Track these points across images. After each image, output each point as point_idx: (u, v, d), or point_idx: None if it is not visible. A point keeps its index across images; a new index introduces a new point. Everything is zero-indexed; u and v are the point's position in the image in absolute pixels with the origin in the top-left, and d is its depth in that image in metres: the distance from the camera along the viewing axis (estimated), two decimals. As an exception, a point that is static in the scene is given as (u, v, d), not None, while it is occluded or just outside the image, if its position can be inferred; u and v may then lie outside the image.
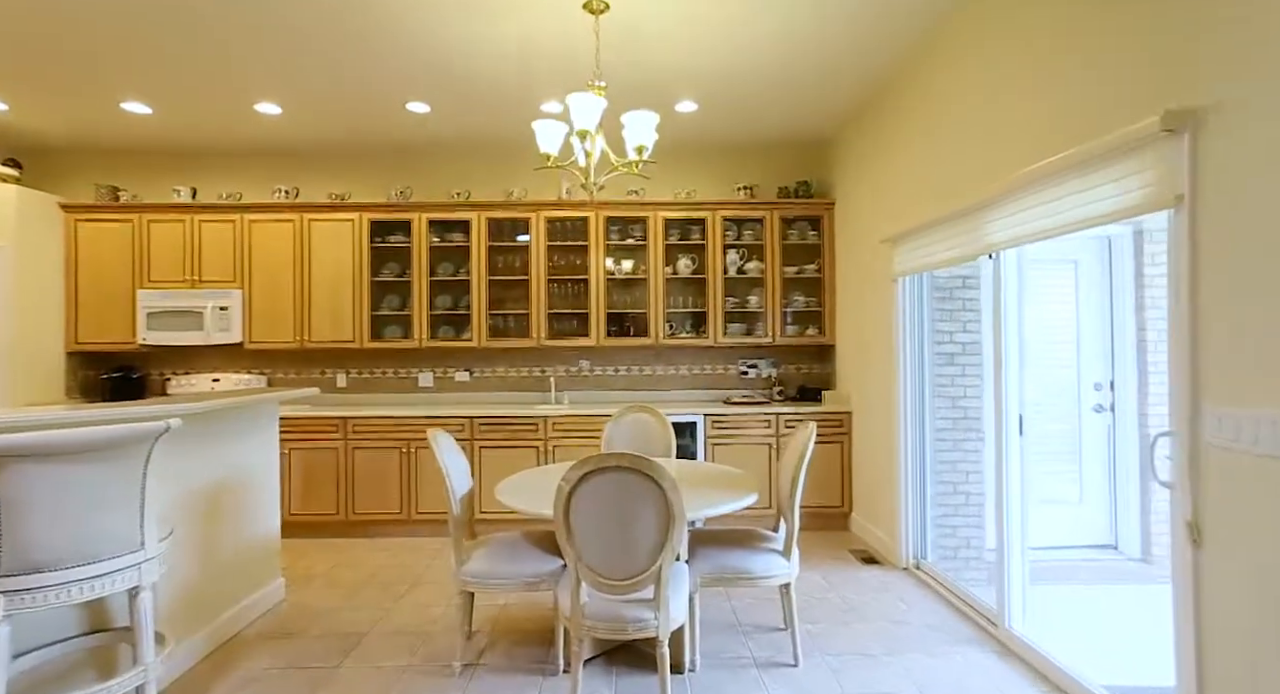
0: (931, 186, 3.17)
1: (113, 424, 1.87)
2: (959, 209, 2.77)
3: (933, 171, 3.15)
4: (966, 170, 2.82)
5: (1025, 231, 2.37)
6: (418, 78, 3.55)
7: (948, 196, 2.99)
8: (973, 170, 2.77)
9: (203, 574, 2.64)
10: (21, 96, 3.76)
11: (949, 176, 2.99)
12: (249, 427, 2.99)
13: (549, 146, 2.57)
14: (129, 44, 3.13)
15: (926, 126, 3.22)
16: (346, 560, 3.80)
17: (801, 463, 2.45)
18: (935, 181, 3.13)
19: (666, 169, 4.90)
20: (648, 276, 4.59)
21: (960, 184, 2.87)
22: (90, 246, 4.47)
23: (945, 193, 3.02)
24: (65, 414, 2.13)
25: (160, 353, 4.75)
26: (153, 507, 2.01)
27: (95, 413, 2.20)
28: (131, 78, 3.50)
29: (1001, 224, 2.52)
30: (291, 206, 4.49)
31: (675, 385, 4.86)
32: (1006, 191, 2.43)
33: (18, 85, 3.62)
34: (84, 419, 2.18)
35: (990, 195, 2.53)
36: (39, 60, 3.28)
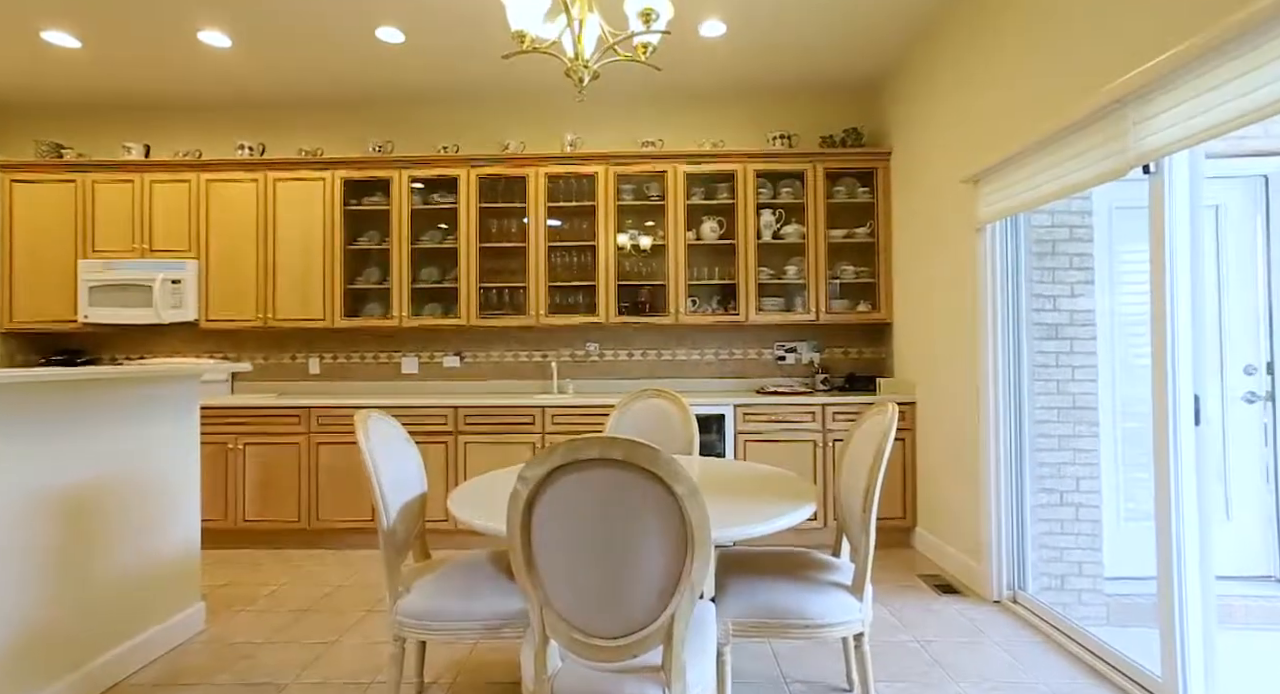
0: (1034, 97, 2.39)
1: None
2: (1092, 110, 1.99)
3: (1037, 76, 2.38)
4: (1097, 57, 2.04)
5: (1215, 120, 1.59)
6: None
7: (1063, 102, 2.21)
8: (1107, 56, 1.99)
9: (63, 605, 1.99)
10: (-66, 29, 3.22)
11: (1067, 75, 2.21)
12: (149, 412, 2.35)
13: (524, 20, 1.87)
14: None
15: (1026, 19, 2.44)
16: (301, 576, 3.15)
17: (879, 461, 1.70)
18: (1041, 88, 2.35)
19: (688, 113, 4.18)
20: (666, 243, 3.87)
21: (1086, 78, 2.09)
22: (27, 211, 3.92)
23: (1058, 99, 2.24)
24: None
25: (110, 334, 4.18)
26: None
27: None
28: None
29: (1170, 117, 1.74)
30: (254, 164, 3.88)
31: (700, 372, 4.13)
32: (1181, 63, 1.66)
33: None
34: None
35: (1152, 77, 1.75)
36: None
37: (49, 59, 3.55)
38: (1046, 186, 2.28)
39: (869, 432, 1.86)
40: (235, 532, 3.59)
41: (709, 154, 3.83)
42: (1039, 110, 2.37)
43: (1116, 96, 1.88)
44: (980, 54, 2.80)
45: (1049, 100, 2.31)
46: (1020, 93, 2.50)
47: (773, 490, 1.84)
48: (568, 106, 4.19)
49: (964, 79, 2.96)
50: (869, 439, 1.81)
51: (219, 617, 2.67)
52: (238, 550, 3.56)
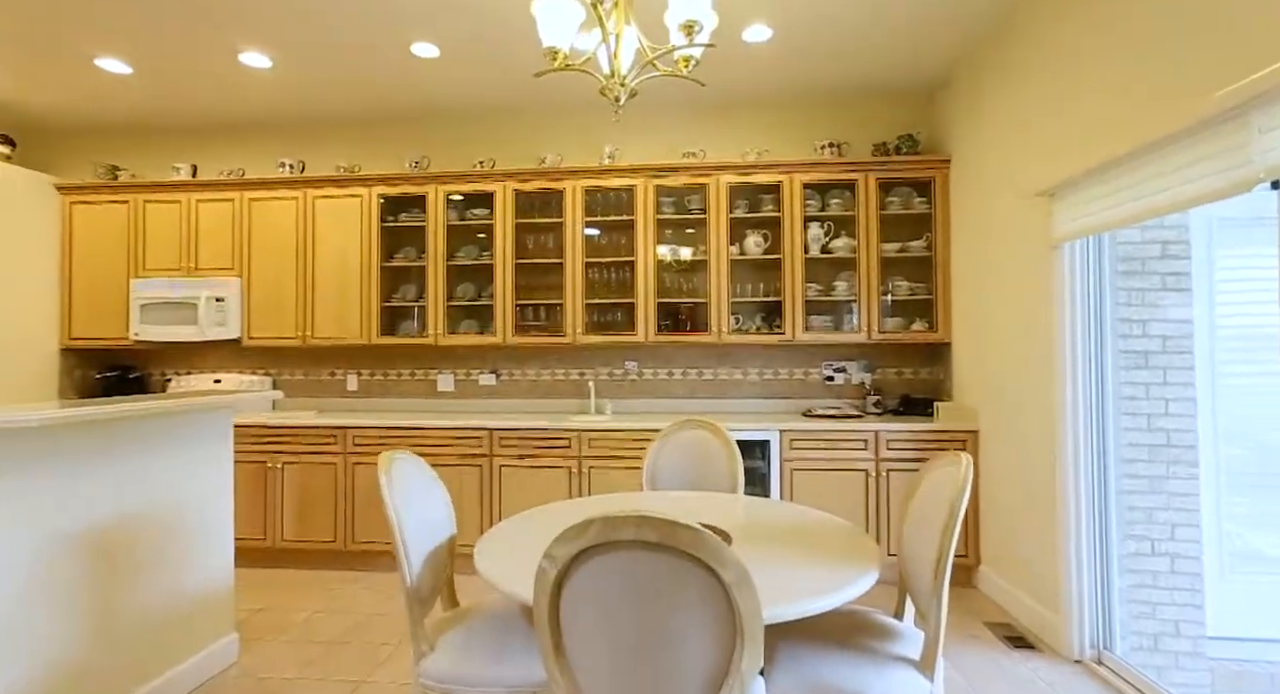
0: (1126, 101, 2.13)
1: None
2: (1205, 116, 1.73)
3: (1131, 78, 2.12)
4: (1212, 56, 1.79)
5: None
6: (419, 6, 2.83)
7: (1165, 108, 1.95)
8: (1225, 54, 1.74)
9: (95, 645, 1.96)
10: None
11: (1170, 76, 1.95)
12: (183, 443, 2.32)
13: (556, 37, 1.74)
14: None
15: (1121, 14, 2.19)
16: (335, 603, 3.11)
17: (953, 522, 1.50)
18: (1135, 92, 2.09)
19: (731, 122, 4.01)
20: (708, 258, 3.70)
21: (1195, 80, 1.84)
22: (86, 231, 4.04)
23: (1158, 104, 1.99)
24: None
25: (160, 350, 4.27)
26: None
27: None
28: (98, 25, 2.97)
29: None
30: (294, 182, 3.90)
31: (742, 392, 3.94)
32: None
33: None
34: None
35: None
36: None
37: (103, 84, 3.63)
38: (1139, 203, 2.03)
39: (939, 483, 1.65)
40: (274, 551, 3.59)
41: (753, 165, 3.65)
42: (1131, 117, 2.12)
43: (1238, 101, 1.63)
44: (1061, 53, 2.55)
45: (1146, 105, 2.06)
46: (1108, 96, 2.25)
47: (828, 549, 1.65)
48: (606, 118, 4.07)
49: (1039, 81, 2.70)
50: (939, 494, 1.61)
51: (251, 647, 2.64)
52: (276, 570, 3.56)
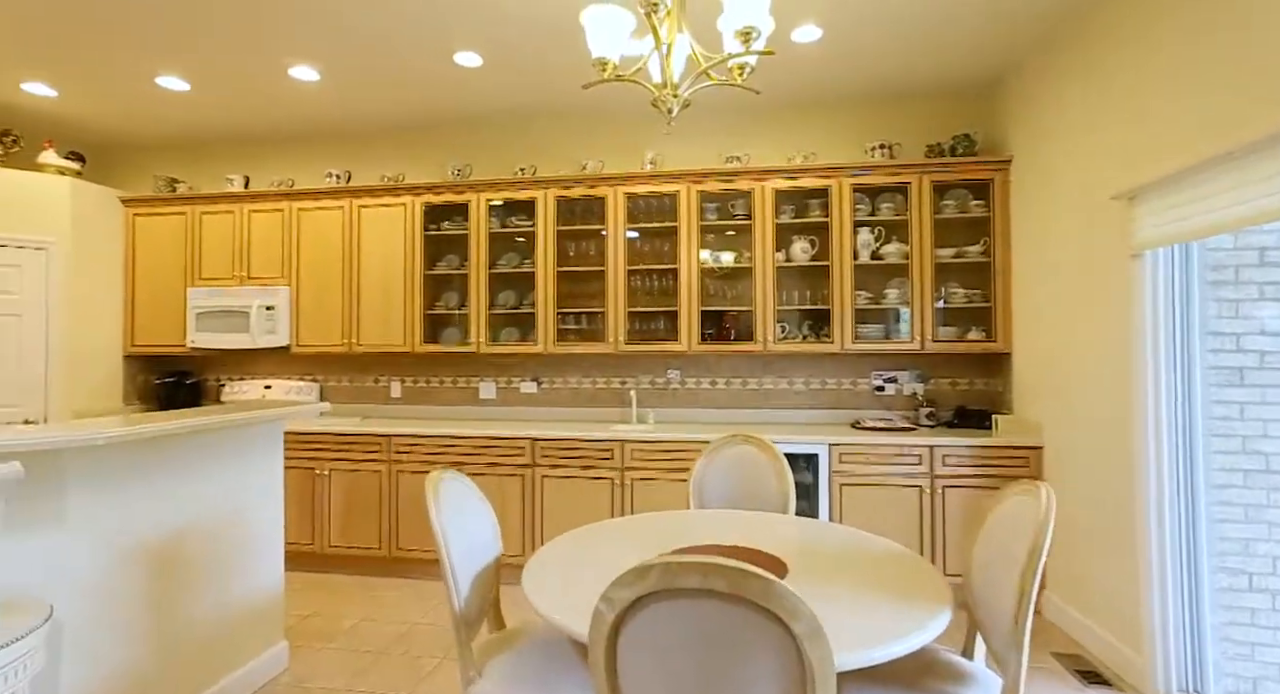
0: (1225, 95, 1.96)
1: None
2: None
3: (1232, 69, 1.95)
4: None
5: None
6: (463, 17, 2.82)
7: (1274, 102, 1.78)
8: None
9: (156, 652, 1.99)
10: (65, 80, 3.46)
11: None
12: (236, 456, 2.35)
13: (605, 47, 1.69)
14: (146, 6, 2.65)
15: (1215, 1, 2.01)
16: (379, 611, 3.13)
17: (1034, 563, 1.38)
18: (1236, 84, 1.92)
19: (777, 125, 3.89)
20: (753, 265, 3.60)
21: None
22: (147, 242, 4.18)
23: (1266, 99, 1.81)
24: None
25: (214, 357, 4.40)
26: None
27: None
28: (159, 46, 3.06)
29: None
30: (340, 192, 3.95)
31: (788, 402, 3.83)
32: None
33: (58, 67, 3.30)
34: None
35: None
36: (69, 36, 2.89)
37: (163, 101, 3.75)
38: (1243, 207, 1.86)
39: (1013, 516, 1.53)
40: (321, 556, 3.64)
41: (800, 168, 3.54)
42: (1237, 113, 1.94)
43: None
44: (1148, 45, 2.37)
45: (1257, 102, 1.89)
46: (1202, 90, 2.07)
47: (894, 583, 1.55)
48: (648, 123, 4.01)
49: (1120, 75, 2.52)
50: (1015, 528, 1.49)
51: (300, 655, 2.66)
52: (324, 575, 3.61)
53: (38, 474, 1.71)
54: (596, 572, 1.63)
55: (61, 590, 1.74)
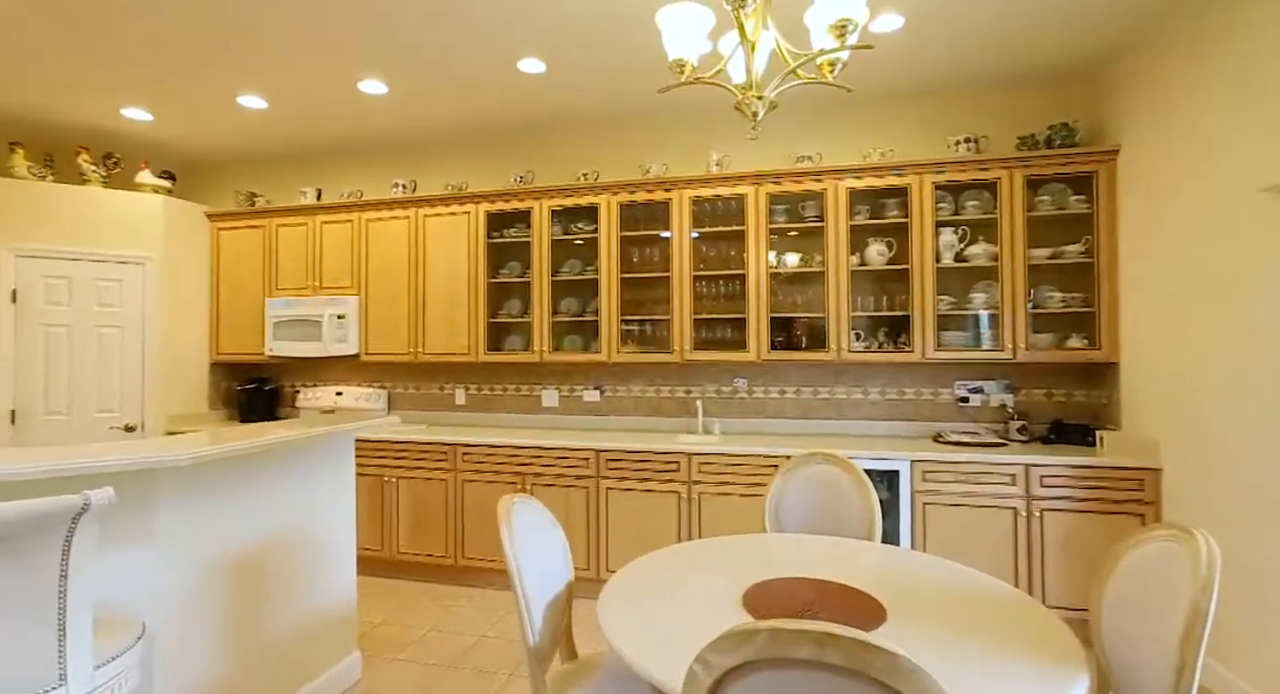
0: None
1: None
2: None
3: None
4: None
5: None
6: (528, 24, 2.78)
7: None
8: None
9: (238, 665, 2.03)
10: (160, 104, 3.63)
11: None
12: (312, 468, 2.38)
13: (683, 48, 1.58)
14: (229, 31, 2.73)
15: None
16: (447, 621, 3.14)
17: (1199, 627, 1.19)
18: None
19: (851, 121, 3.69)
20: (825, 270, 3.43)
21: None
22: (230, 254, 4.37)
23: None
24: None
25: (290, 364, 4.56)
26: (80, 619, 1.34)
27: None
28: (242, 67, 3.16)
29: None
30: (406, 202, 4.01)
31: (862, 413, 3.62)
32: None
33: (153, 93, 3.47)
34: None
35: None
36: (163, 63, 3.03)
37: (243, 119, 3.90)
38: None
39: (1158, 567, 1.34)
40: (391, 562, 3.70)
41: (876, 166, 3.33)
42: None
43: None
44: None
45: None
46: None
47: (1011, 634, 1.38)
48: (713, 123, 3.88)
49: (1271, 47, 2.22)
50: (1163, 583, 1.30)
51: (372, 665, 2.69)
52: (393, 581, 3.67)
53: (129, 493, 1.76)
54: (678, 607, 1.53)
55: (151, 605, 1.78)
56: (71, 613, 1.33)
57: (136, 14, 2.69)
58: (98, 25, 2.78)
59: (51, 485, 1.65)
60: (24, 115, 3.82)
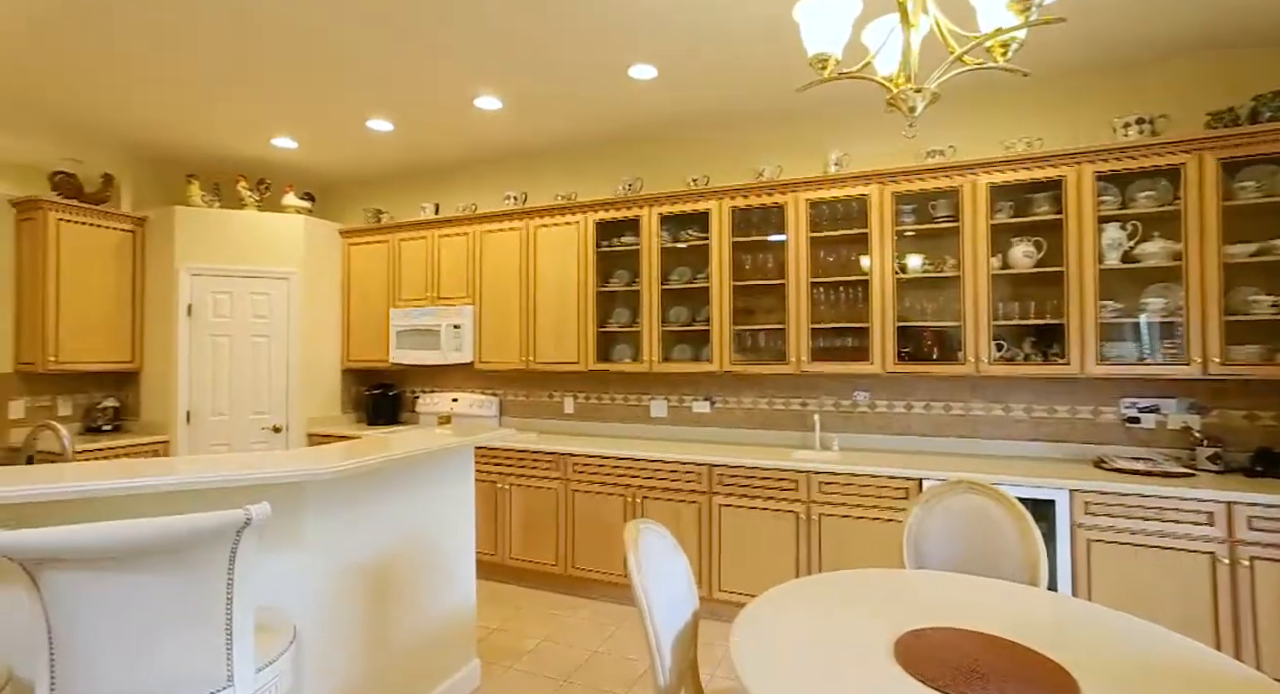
0: None
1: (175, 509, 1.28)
2: None
3: None
4: None
5: None
6: (641, 31, 2.72)
7: None
8: None
9: (373, 668, 2.10)
10: (302, 133, 3.96)
11: None
12: (436, 479, 2.44)
13: (823, 42, 1.43)
14: (361, 61, 2.90)
15: None
16: (561, 631, 3.14)
17: None
18: None
19: (990, 108, 3.34)
20: (960, 274, 3.11)
21: None
22: (359, 268, 4.68)
23: None
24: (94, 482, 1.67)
25: (411, 371, 4.81)
26: (244, 624, 1.40)
27: (147, 480, 1.69)
28: (372, 93, 3.36)
29: None
30: (517, 214, 4.10)
31: (1003, 432, 3.25)
32: None
33: (297, 123, 3.78)
34: (121, 489, 1.70)
35: None
36: (306, 96, 3.29)
37: (371, 141, 4.16)
38: None
39: None
40: (504, 568, 3.78)
41: (1022, 158, 2.97)
42: None
43: None
44: None
45: None
46: None
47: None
48: (830, 120, 3.66)
49: None
50: None
51: (490, 673, 2.73)
52: (506, 586, 3.74)
53: (281, 502, 1.86)
54: (820, 651, 1.38)
55: (299, 609, 1.88)
56: (237, 618, 1.39)
57: (285, 56, 2.91)
58: (252, 69, 3.04)
59: (220, 494, 1.77)
60: (197, 150, 4.29)
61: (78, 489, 1.54)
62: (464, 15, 2.63)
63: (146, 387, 4.29)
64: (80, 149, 4.21)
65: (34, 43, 2.81)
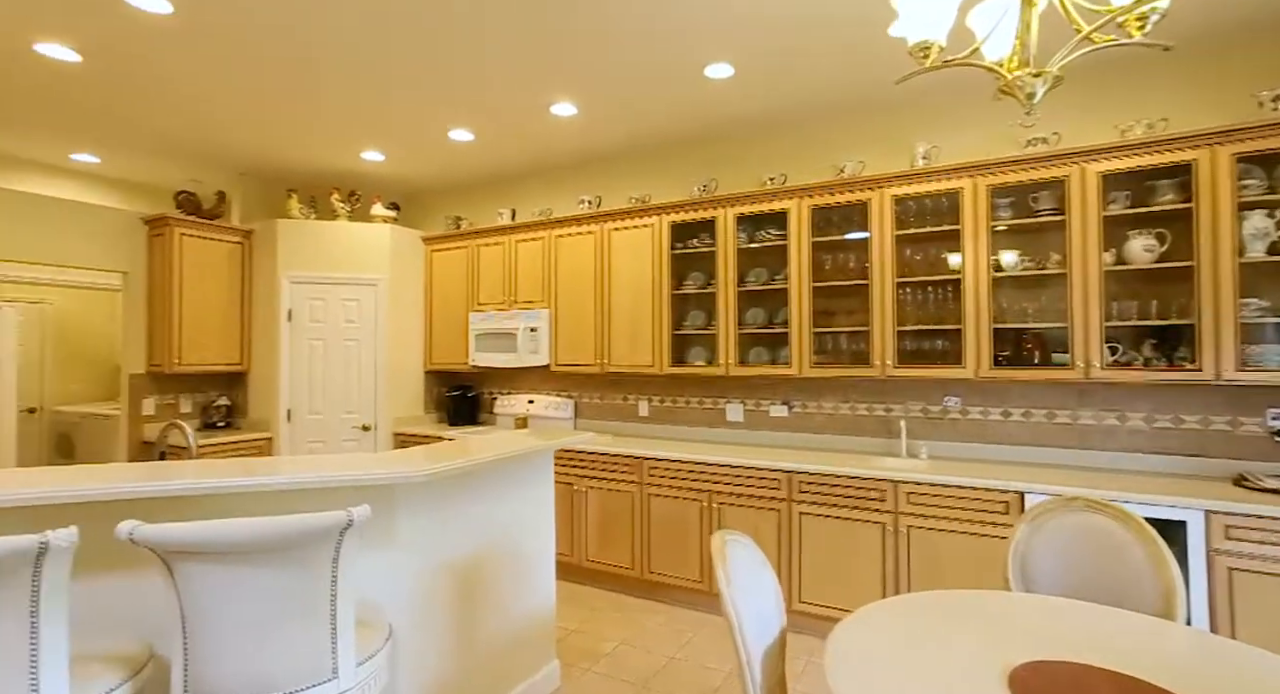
0: None
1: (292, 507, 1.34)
2: None
3: None
4: None
5: None
6: (718, 29, 2.67)
7: None
8: None
9: (459, 666, 2.15)
10: (389, 146, 4.15)
11: None
12: (518, 481, 2.48)
13: (925, 28, 1.33)
14: (441, 74, 3.00)
15: None
16: (637, 637, 3.13)
17: None
18: None
19: (1100, 91, 3.06)
20: (1067, 270, 2.86)
21: None
22: (440, 274, 4.87)
23: None
24: (211, 479, 1.77)
25: (489, 373, 4.94)
26: (347, 619, 1.46)
27: (281, 478, 1.78)
28: (453, 105, 3.47)
29: None
30: (592, 217, 4.13)
31: (1118, 444, 2.97)
32: None
33: (385, 137, 3.97)
34: (237, 487, 1.79)
35: None
36: (392, 111, 3.45)
37: (453, 152, 4.30)
38: None
39: None
40: (580, 569, 3.82)
41: (1141, 143, 2.70)
42: None
43: None
44: None
45: None
46: None
47: None
48: (916, 112, 3.47)
49: None
50: None
51: (569, 675, 2.75)
52: (581, 587, 3.78)
53: (376, 503, 1.94)
54: (925, 678, 1.29)
55: (393, 606, 1.95)
56: (340, 613, 1.45)
57: (377, 77, 3.05)
58: (347, 91, 3.20)
59: (321, 494, 1.86)
60: (297, 166, 4.59)
61: (204, 486, 1.66)
62: (545, 24, 2.66)
63: (253, 387, 4.63)
64: (198, 170, 4.60)
65: (163, 84, 3.08)
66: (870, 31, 2.72)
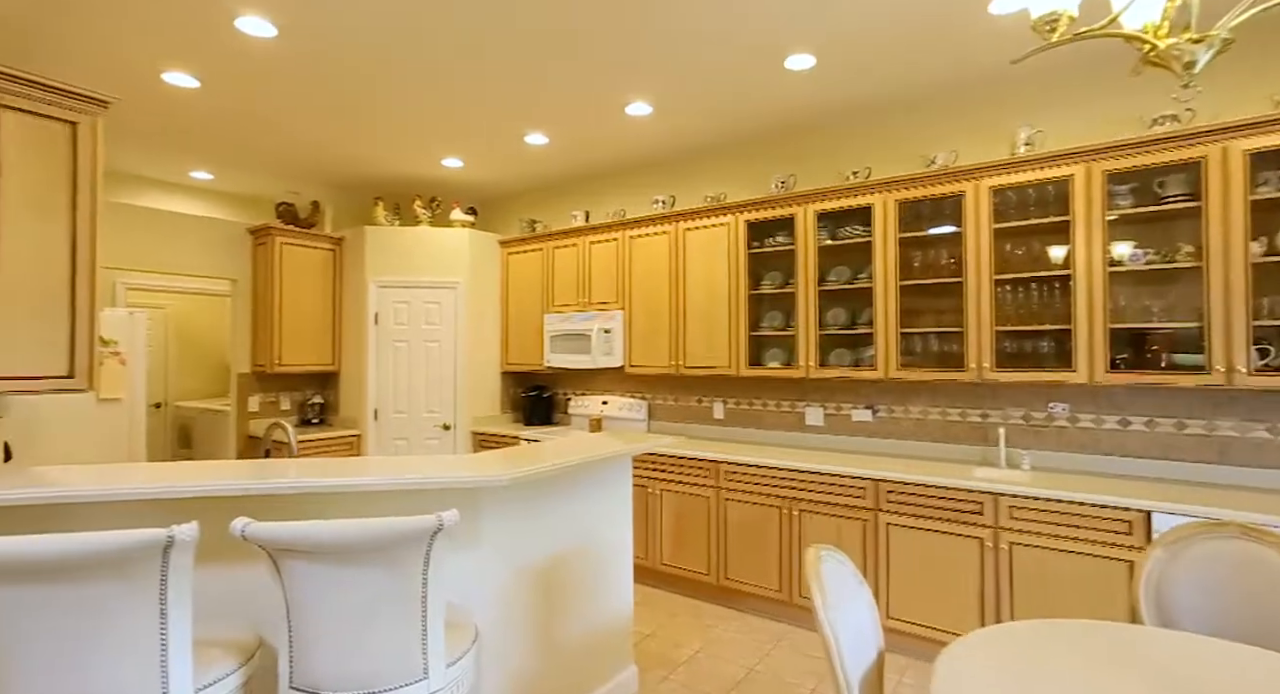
0: None
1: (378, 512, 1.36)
2: None
3: None
4: None
5: None
6: (799, 17, 2.55)
7: None
8: None
9: (540, 670, 2.16)
10: (467, 152, 4.27)
11: None
12: (597, 485, 2.47)
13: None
14: (518, 79, 3.05)
15: None
16: (714, 645, 3.06)
17: None
18: None
19: (1240, 61, 2.72)
20: (1201, 263, 2.56)
21: None
22: (516, 276, 4.96)
23: None
24: (281, 481, 1.81)
25: (563, 373, 5.00)
26: (437, 621, 1.47)
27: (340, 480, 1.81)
28: (528, 110, 3.52)
29: None
30: (666, 217, 4.08)
31: (1265, 459, 2.63)
32: None
33: (463, 144, 4.08)
34: (309, 487, 1.83)
35: None
36: (471, 120, 3.54)
37: (528, 156, 4.37)
38: None
39: None
40: (655, 573, 3.78)
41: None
42: None
43: None
44: None
45: None
46: None
47: None
48: (1012, 94, 3.21)
49: None
50: None
51: (646, 682, 2.71)
52: (656, 591, 3.74)
53: (462, 505, 1.97)
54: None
55: (479, 607, 1.97)
56: (431, 615, 1.47)
57: (457, 88, 3.13)
58: (429, 104, 3.30)
59: (405, 496, 1.91)
60: (383, 175, 4.81)
61: (305, 485, 1.73)
62: (619, 25, 2.64)
63: (344, 387, 4.88)
64: (295, 181, 4.90)
65: (268, 104, 3.29)
66: (963, 8, 2.53)
